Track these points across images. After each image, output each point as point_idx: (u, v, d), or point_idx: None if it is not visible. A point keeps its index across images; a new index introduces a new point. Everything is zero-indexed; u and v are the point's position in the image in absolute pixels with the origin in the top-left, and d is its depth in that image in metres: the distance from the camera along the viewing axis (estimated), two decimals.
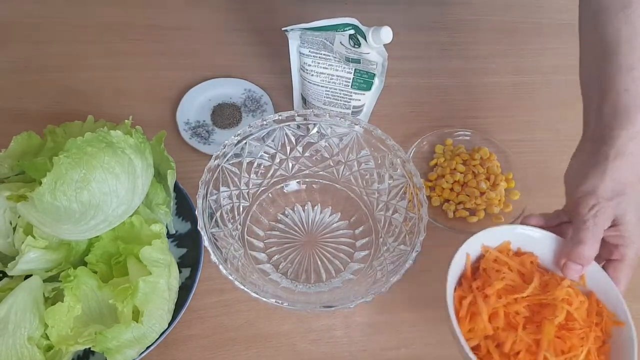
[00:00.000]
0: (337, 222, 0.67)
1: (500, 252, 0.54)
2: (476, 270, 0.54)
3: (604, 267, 0.53)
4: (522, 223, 0.56)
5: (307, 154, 0.66)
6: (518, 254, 0.55)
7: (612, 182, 0.51)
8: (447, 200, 0.70)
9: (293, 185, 0.68)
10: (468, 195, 0.69)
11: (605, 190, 0.51)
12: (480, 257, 0.55)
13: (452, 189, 0.70)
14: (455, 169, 0.71)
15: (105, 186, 0.52)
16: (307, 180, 0.68)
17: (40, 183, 0.49)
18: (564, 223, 0.56)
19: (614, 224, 0.51)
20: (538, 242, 0.55)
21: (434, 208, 0.70)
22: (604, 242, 0.52)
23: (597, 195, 0.51)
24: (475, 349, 0.49)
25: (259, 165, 0.64)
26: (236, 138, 0.60)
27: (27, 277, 0.54)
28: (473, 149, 0.74)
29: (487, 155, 0.73)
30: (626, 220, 0.51)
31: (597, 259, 0.52)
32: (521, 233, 0.55)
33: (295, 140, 0.64)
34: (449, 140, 0.75)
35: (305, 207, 0.67)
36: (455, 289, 0.53)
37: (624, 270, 0.52)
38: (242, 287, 0.51)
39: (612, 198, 0.51)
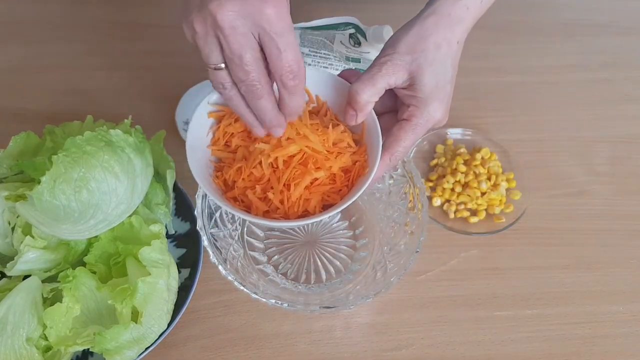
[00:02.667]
0: (337, 222, 0.66)
1: None
2: None
3: (393, 127, 0.50)
4: (339, 75, 0.52)
5: None
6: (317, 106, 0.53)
7: (414, 37, 0.48)
8: (448, 201, 0.70)
9: None
10: (469, 196, 0.69)
11: (405, 44, 0.48)
12: None
13: (453, 189, 0.70)
14: (456, 169, 0.71)
15: (105, 185, 0.51)
16: None
17: (39, 182, 0.48)
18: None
19: (409, 84, 0.48)
20: (332, 87, 0.52)
21: (434, 208, 0.70)
22: (400, 103, 0.50)
23: (395, 47, 0.48)
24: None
25: None
26: None
27: (26, 277, 0.53)
28: (474, 148, 0.74)
29: (488, 155, 0.73)
30: (422, 81, 0.48)
31: (391, 117, 0.51)
32: (319, 76, 0.52)
33: None
34: (450, 140, 0.75)
35: None
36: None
37: (407, 130, 0.49)
38: (241, 287, 0.51)
39: (409, 53, 0.47)
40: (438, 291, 0.63)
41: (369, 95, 0.48)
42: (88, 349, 0.52)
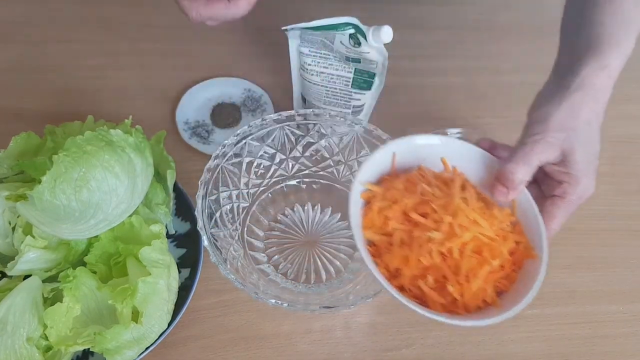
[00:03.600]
0: (337, 222, 0.66)
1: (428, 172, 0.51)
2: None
3: (543, 201, 0.50)
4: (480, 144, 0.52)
5: (307, 154, 0.65)
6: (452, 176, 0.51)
7: (565, 114, 0.47)
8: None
9: (293, 185, 0.68)
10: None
11: (556, 121, 0.47)
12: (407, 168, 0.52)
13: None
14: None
15: (105, 185, 0.51)
16: (307, 180, 0.68)
17: (40, 182, 0.48)
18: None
19: (561, 160, 0.48)
20: (473, 162, 0.51)
21: None
22: (549, 178, 0.49)
23: (547, 124, 0.47)
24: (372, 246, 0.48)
25: (258, 165, 0.64)
26: (236, 138, 0.60)
27: (26, 277, 0.53)
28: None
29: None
30: (574, 158, 0.47)
31: (541, 194, 0.50)
32: (460, 148, 0.51)
33: (295, 140, 0.64)
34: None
35: (305, 207, 0.67)
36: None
37: (562, 207, 0.49)
38: (242, 287, 0.51)
39: (561, 130, 0.47)
40: None
41: (524, 175, 0.47)
42: (88, 348, 0.52)
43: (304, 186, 0.68)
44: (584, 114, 0.48)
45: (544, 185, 0.50)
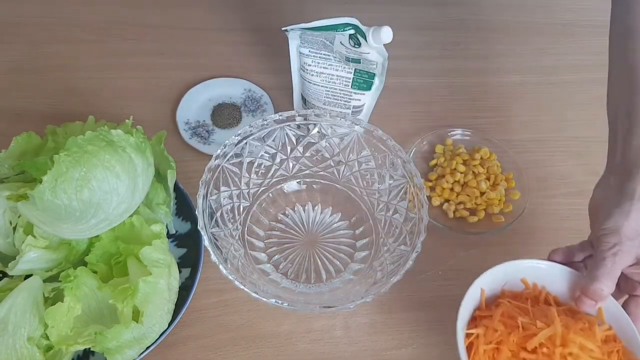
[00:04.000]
0: (338, 222, 0.67)
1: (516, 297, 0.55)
2: (490, 306, 0.54)
3: (626, 302, 0.52)
4: (548, 259, 0.55)
5: (307, 154, 0.66)
6: (534, 293, 0.55)
7: (636, 222, 0.50)
8: (447, 201, 0.70)
9: (293, 185, 0.68)
10: (468, 195, 0.69)
11: (629, 230, 0.50)
12: (496, 295, 0.55)
13: (452, 189, 0.70)
14: (455, 169, 0.71)
15: (106, 184, 0.52)
16: (307, 180, 0.68)
17: (41, 182, 0.49)
18: (589, 257, 0.55)
19: (637, 262, 0.50)
20: (552, 275, 0.55)
21: (434, 208, 0.70)
22: (627, 279, 0.51)
23: (620, 235, 0.49)
24: None
25: (259, 165, 0.64)
26: (236, 138, 0.60)
27: (27, 277, 0.54)
28: (473, 148, 0.74)
29: (488, 155, 0.73)
30: None
31: (620, 293, 0.52)
32: (535, 267, 0.55)
33: (296, 140, 0.64)
34: (449, 140, 0.75)
35: (306, 207, 0.67)
36: (467, 323, 0.52)
37: None
38: (242, 287, 0.51)
39: (635, 238, 0.50)
40: (438, 291, 0.63)
41: (611, 288, 0.50)
42: (89, 348, 0.52)
43: (304, 186, 0.68)
44: None
45: (623, 284, 0.52)
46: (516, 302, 0.53)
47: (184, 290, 0.58)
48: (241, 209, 0.63)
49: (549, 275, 0.54)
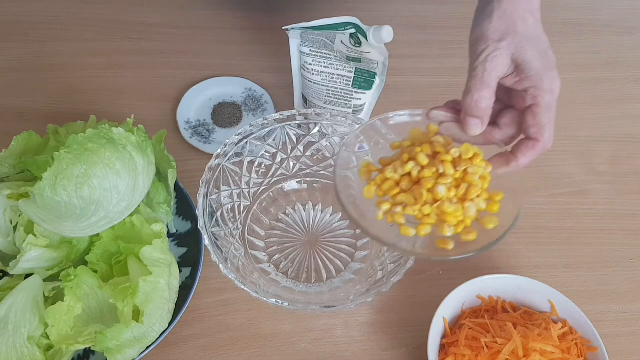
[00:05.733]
0: (338, 221, 0.67)
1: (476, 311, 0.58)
2: (454, 329, 0.57)
3: (524, 121, 0.47)
4: (429, 116, 0.50)
5: (308, 153, 0.65)
6: (492, 304, 0.59)
7: (500, 21, 0.46)
8: (386, 196, 0.48)
9: (294, 184, 0.68)
10: (415, 198, 0.46)
11: (494, 32, 0.46)
12: (457, 316, 0.59)
13: (398, 183, 0.48)
14: (414, 158, 0.47)
15: (106, 182, 0.52)
16: (308, 179, 0.68)
17: (42, 179, 0.49)
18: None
19: (516, 68, 0.46)
20: (504, 285, 0.59)
21: (364, 202, 0.50)
22: (512, 92, 0.48)
23: (486, 38, 0.46)
24: None
25: (260, 164, 0.64)
26: (237, 137, 0.60)
27: (27, 276, 0.54)
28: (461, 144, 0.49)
29: (470, 154, 0.47)
30: (526, 58, 0.46)
31: (513, 111, 0.48)
32: (486, 282, 0.58)
33: (297, 139, 0.64)
34: (433, 127, 0.50)
35: (306, 207, 0.67)
36: (438, 353, 0.55)
37: (542, 112, 0.46)
38: (242, 286, 0.51)
39: (503, 38, 0.46)
40: (438, 290, 0.63)
41: (489, 98, 0.46)
42: (89, 347, 0.52)
43: (305, 185, 0.68)
44: (518, 15, 0.47)
45: (514, 101, 0.48)
46: (477, 320, 0.56)
47: (185, 289, 0.58)
48: (242, 208, 0.63)
49: (501, 285, 0.58)
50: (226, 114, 0.76)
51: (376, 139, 0.53)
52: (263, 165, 0.65)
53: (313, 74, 0.67)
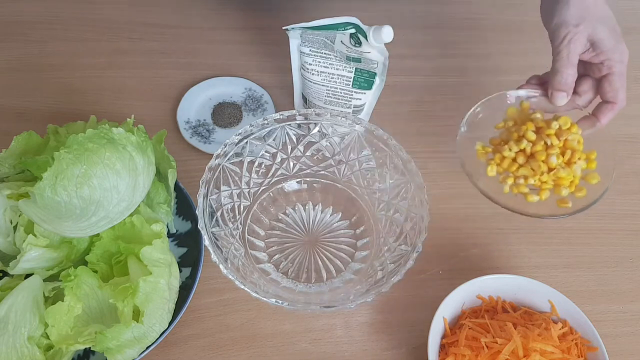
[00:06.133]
0: (338, 221, 0.67)
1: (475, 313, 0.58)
2: (454, 329, 0.57)
3: (604, 85, 0.58)
4: (520, 88, 0.62)
5: (308, 154, 0.65)
6: (492, 304, 0.59)
7: (575, 8, 0.57)
8: (506, 172, 0.59)
9: (294, 184, 0.68)
10: (533, 170, 0.57)
11: (572, 17, 0.57)
12: (458, 316, 0.59)
13: (514, 160, 0.58)
14: (523, 135, 0.59)
15: (106, 182, 0.52)
16: (308, 179, 0.68)
17: (42, 179, 0.49)
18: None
19: (591, 45, 0.57)
20: (504, 285, 0.59)
21: (488, 179, 0.59)
22: (589, 65, 0.59)
23: (567, 24, 0.57)
24: None
25: (260, 164, 0.64)
26: (237, 137, 0.60)
27: (27, 276, 0.54)
28: (554, 116, 0.61)
29: (568, 125, 0.59)
30: (599, 37, 0.56)
31: (589, 80, 0.59)
32: (486, 282, 0.59)
33: (297, 139, 0.64)
34: (526, 104, 0.62)
35: (306, 207, 0.67)
36: (438, 353, 0.56)
37: (616, 79, 0.57)
38: (242, 286, 0.51)
39: (580, 23, 0.56)
40: (438, 290, 0.63)
41: (573, 75, 0.58)
42: (89, 347, 0.52)
43: (305, 186, 0.68)
44: (588, 1, 0.57)
45: (590, 72, 0.59)
46: (477, 320, 0.56)
47: (185, 289, 0.58)
48: (242, 208, 0.63)
49: (501, 285, 0.59)
50: (226, 114, 0.76)
51: None
52: (263, 165, 0.65)
53: (313, 74, 0.67)
